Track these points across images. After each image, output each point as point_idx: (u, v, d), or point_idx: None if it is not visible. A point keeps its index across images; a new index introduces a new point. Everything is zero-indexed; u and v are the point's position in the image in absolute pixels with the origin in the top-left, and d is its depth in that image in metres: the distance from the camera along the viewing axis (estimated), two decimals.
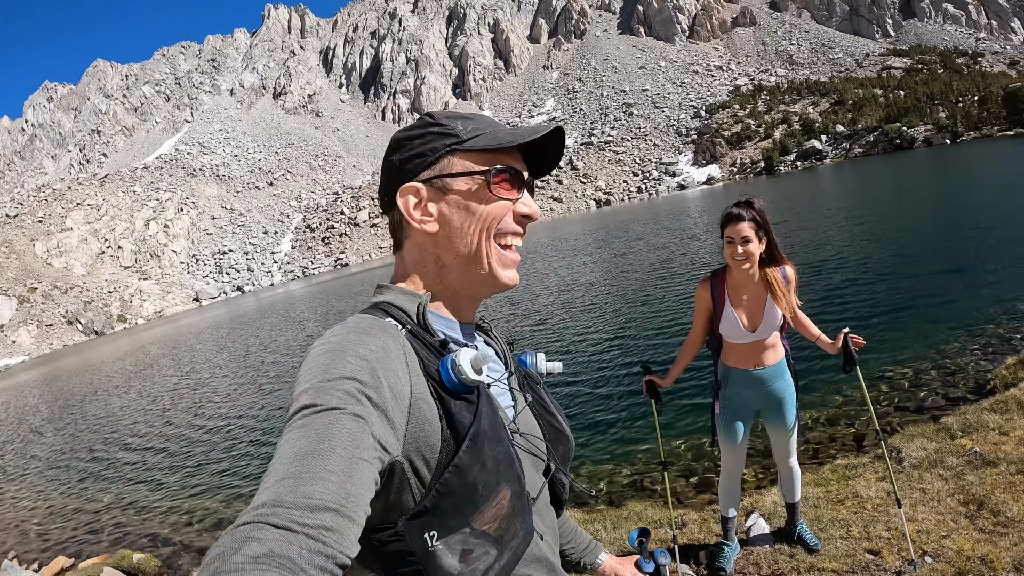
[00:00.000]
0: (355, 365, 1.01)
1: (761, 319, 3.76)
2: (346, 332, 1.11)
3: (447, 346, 1.19)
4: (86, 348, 79.40)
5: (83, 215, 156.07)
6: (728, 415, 4.07)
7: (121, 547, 8.94)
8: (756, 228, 3.57)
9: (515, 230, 1.32)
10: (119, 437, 17.19)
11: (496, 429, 1.18)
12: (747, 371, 3.92)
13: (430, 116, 1.31)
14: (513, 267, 1.33)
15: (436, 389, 1.12)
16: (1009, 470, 4.68)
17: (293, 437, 0.90)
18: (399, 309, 1.22)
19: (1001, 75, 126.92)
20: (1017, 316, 9.71)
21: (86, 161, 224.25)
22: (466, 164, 1.26)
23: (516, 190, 1.30)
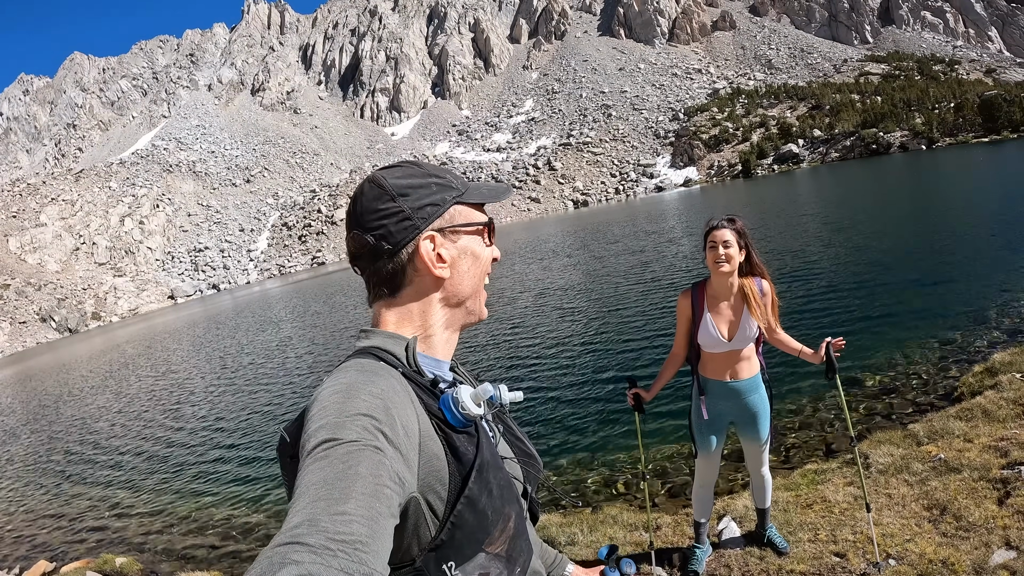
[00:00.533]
0: (369, 403, 1.04)
1: (737, 329, 3.92)
2: (353, 373, 1.14)
3: (437, 385, 1.23)
4: (60, 346, 78.51)
5: (58, 210, 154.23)
6: (704, 425, 4.21)
7: (103, 551, 8.92)
8: (737, 236, 3.78)
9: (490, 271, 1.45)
10: (97, 439, 17.07)
11: (495, 457, 1.25)
12: (723, 383, 4.08)
13: (417, 164, 1.39)
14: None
15: (439, 426, 1.16)
16: (972, 476, 4.85)
17: (316, 468, 0.92)
18: (388, 352, 1.24)
19: (977, 83, 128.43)
20: (985, 324, 9.94)
21: (61, 155, 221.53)
22: (468, 215, 1.38)
23: (493, 237, 1.46)
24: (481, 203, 1.43)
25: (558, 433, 9.43)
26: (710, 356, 4.08)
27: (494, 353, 15.74)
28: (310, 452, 0.96)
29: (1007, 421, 5.71)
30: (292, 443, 1.18)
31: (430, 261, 1.30)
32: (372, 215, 1.30)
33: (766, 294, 3.94)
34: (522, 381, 12.67)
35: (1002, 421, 5.74)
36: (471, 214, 1.39)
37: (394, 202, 1.30)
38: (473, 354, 15.92)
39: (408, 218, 1.29)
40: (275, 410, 15.20)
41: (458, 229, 1.36)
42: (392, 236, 1.29)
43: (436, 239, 1.31)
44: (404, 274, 1.32)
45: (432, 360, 1.35)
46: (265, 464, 11.36)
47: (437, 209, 1.32)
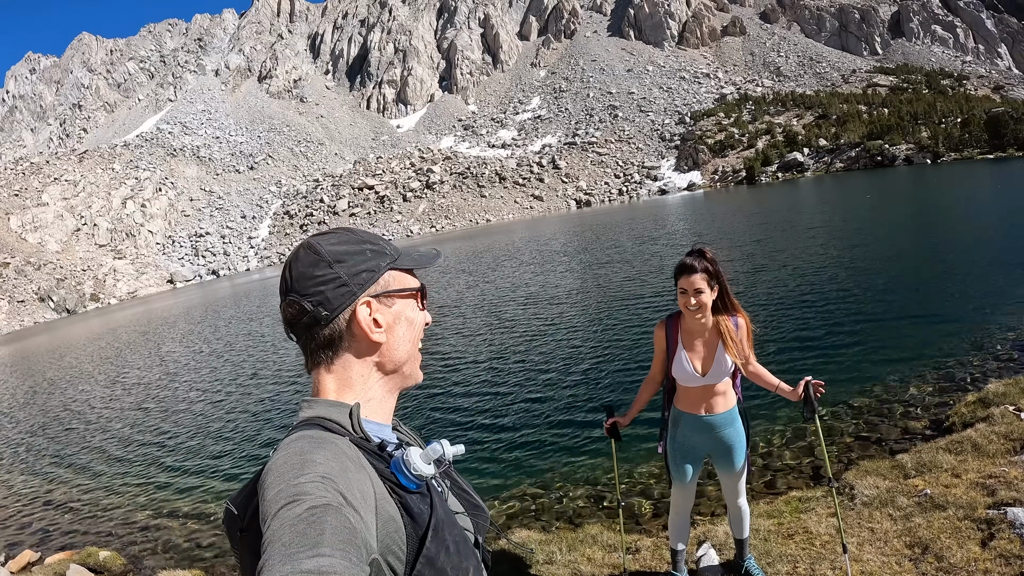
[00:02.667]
0: (325, 467, 1.06)
1: (712, 364, 3.88)
2: (303, 443, 1.14)
3: (385, 448, 1.24)
4: (57, 327, 78.32)
5: (60, 190, 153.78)
6: (678, 457, 4.18)
7: (88, 543, 8.87)
8: (708, 278, 3.72)
9: (422, 336, 1.49)
10: (86, 427, 16.96)
11: (448, 514, 1.26)
12: (697, 416, 4.04)
13: (351, 231, 1.43)
14: None
15: (393, 488, 1.17)
16: (957, 515, 4.76)
17: (281, 527, 0.93)
18: (332, 422, 1.24)
19: (985, 99, 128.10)
20: (982, 350, 9.80)
21: (66, 136, 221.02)
22: (401, 280, 1.42)
23: (426, 302, 1.51)
24: (412, 268, 1.46)
25: (543, 446, 9.35)
26: (685, 389, 4.04)
27: (478, 359, 15.68)
28: (274, 515, 0.96)
29: (996, 457, 5.61)
30: (240, 515, 1.17)
31: (367, 327, 1.32)
32: (309, 281, 1.31)
33: (740, 328, 3.90)
34: (507, 396, 12.60)
35: (992, 457, 5.64)
36: (404, 279, 1.43)
37: (331, 268, 1.31)
38: (462, 357, 15.85)
39: (345, 284, 1.31)
40: (267, 406, 15.14)
41: (393, 294, 1.38)
42: (329, 302, 1.30)
43: (372, 304, 1.34)
44: (341, 340, 1.33)
45: (375, 424, 1.35)
46: (253, 461, 11.28)
47: (372, 275, 1.35)
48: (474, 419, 11.18)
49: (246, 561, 1.14)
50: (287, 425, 13.19)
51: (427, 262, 1.48)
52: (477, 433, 10.33)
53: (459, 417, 11.33)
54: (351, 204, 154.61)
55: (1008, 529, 4.38)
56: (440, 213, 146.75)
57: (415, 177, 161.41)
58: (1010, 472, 5.19)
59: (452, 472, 1.51)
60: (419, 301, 1.46)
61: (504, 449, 9.43)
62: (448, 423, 11.10)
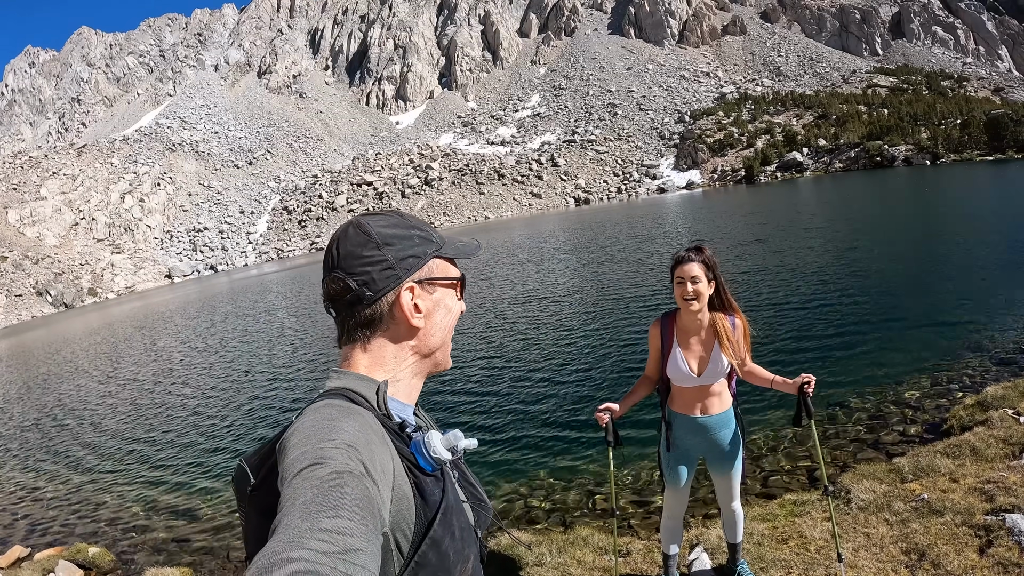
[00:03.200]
0: (351, 435, 1.07)
1: (708, 364, 3.79)
2: (331, 410, 1.16)
3: (405, 428, 1.25)
4: (54, 321, 78.22)
5: (58, 184, 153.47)
6: (672, 459, 4.08)
7: (78, 539, 8.84)
8: (705, 269, 3.63)
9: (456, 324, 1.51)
10: (81, 424, 16.86)
11: (458, 501, 1.28)
12: (692, 418, 3.94)
13: (401, 215, 1.45)
14: None
15: (409, 468, 1.18)
16: (954, 520, 4.66)
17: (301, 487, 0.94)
18: (358, 395, 1.25)
19: (985, 100, 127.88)
20: (981, 352, 9.71)
21: (64, 130, 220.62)
22: (444, 268, 1.44)
23: (463, 291, 1.53)
24: (454, 258, 1.49)
25: (536, 446, 9.26)
26: (679, 390, 3.94)
27: (475, 354, 15.60)
28: (296, 474, 0.96)
29: (995, 461, 5.52)
30: (254, 473, 1.19)
31: (409, 311, 1.34)
32: (356, 260, 1.33)
33: (737, 328, 3.80)
34: (500, 393, 12.52)
35: (990, 461, 5.55)
36: (447, 268, 1.45)
37: (379, 250, 1.33)
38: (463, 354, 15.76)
39: (391, 267, 1.33)
40: (260, 404, 15.02)
41: (435, 282, 1.41)
42: (374, 283, 1.32)
43: (415, 290, 1.36)
44: (381, 321, 1.35)
45: (399, 404, 1.37)
46: None
47: (418, 261, 1.37)
48: (466, 416, 11.10)
49: (252, 520, 1.16)
50: (279, 423, 13.12)
51: (470, 252, 1.52)
52: (469, 431, 10.24)
53: (450, 416, 11.25)
54: (349, 200, 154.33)
55: (1007, 536, 4.29)
56: (439, 210, 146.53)
57: (414, 174, 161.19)
58: (1009, 477, 5.10)
59: (462, 464, 1.52)
60: (458, 291, 1.49)
61: (496, 447, 9.34)
62: (439, 421, 11.00)
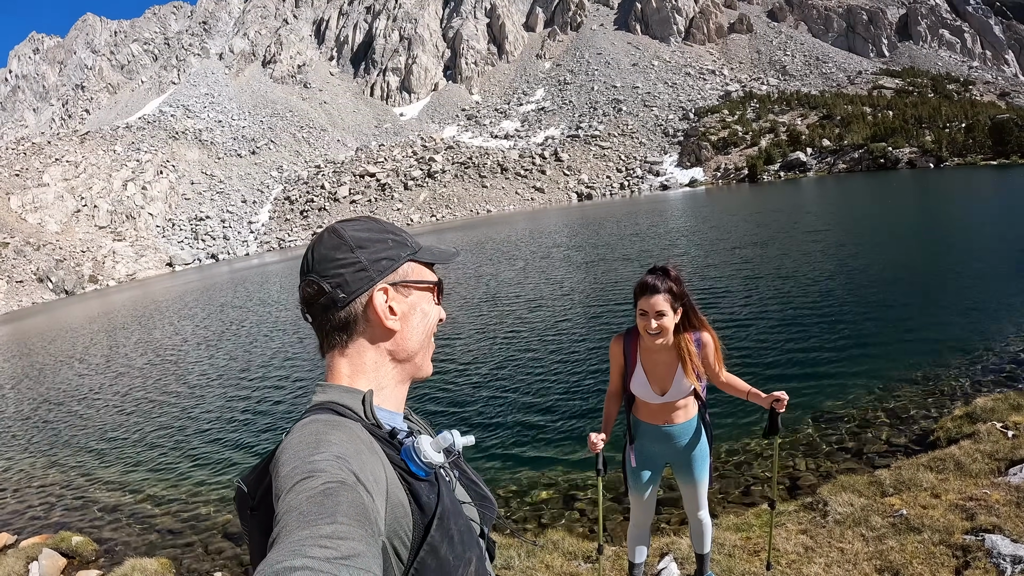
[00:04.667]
0: (340, 448, 1.08)
1: (671, 384, 3.67)
2: (318, 425, 1.16)
3: (396, 436, 1.25)
4: (55, 307, 78.11)
5: (61, 171, 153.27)
6: (637, 466, 3.98)
7: (62, 527, 8.87)
8: (672, 300, 3.48)
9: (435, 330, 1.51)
10: (70, 413, 16.84)
11: (455, 504, 1.28)
12: (657, 427, 3.83)
13: (376, 220, 1.46)
14: None
15: (403, 475, 1.18)
16: (932, 539, 4.54)
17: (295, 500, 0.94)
18: (345, 407, 1.26)
19: (990, 105, 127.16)
20: (972, 362, 9.57)
21: (68, 116, 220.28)
22: (420, 272, 1.45)
23: (441, 297, 1.54)
24: (431, 263, 1.49)
25: (514, 444, 9.19)
26: (644, 403, 3.83)
27: (429, 426, 15.53)
28: (289, 489, 0.97)
29: (979, 478, 5.39)
30: (251, 494, 1.19)
31: (383, 313, 1.34)
32: (330, 263, 1.34)
33: (705, 345, 3.65)
34: (482, 392, 12.46)
35: (975, 477, 5.42)
36: (423, 272, 1.45)
37: (352, 253, 1.34)
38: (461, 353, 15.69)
39: (364, 269, 1.34)
40: (253, 399, 14.94)
41: (410, 284, 1.41)
42: (348, 285, 1.32)
43: (389, 292, 1.36)
44: (356, 324, 1.35)
45: (387, 412, 1.37)
46: (233, 452, 11.16)
47: (392, 263, 1.38)
48: (446, 415, 11.05)
49: (255, 539, 1.16)
50: (272, 415, 13.12)
51: (447, 258, 1.52)
52: (451, 422, 10.14)
53: (438, 416, 11.17)
54: (352, 191, 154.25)
55: (984, 557, 4.17)
56: (441, 202, 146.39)
57: (417, 165, 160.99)
58: (992, 495, 4.97)
59: (461, 463, 1.52)
60: (435, 295, 1.49)
61: (477, 442, 9.22)
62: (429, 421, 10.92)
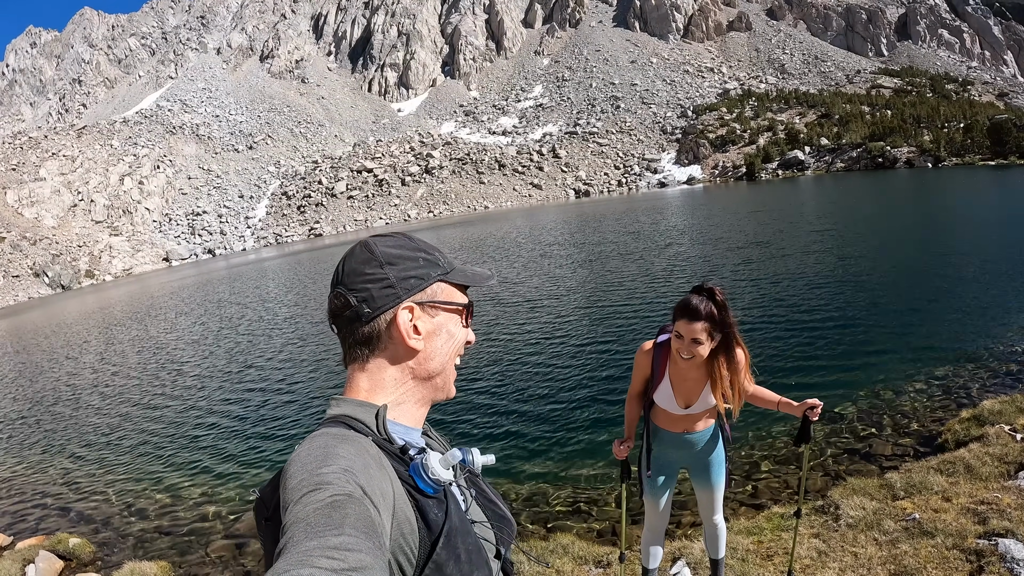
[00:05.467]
0: (347, 461, 1.08)
1: (696, 399, 3.65)
2: (327, 438, 1.17)
3: (407, 452, 1.25)
4: (51, 302, 77.91)
5: (58, 166, 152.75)
6: (654, 471, 3.96)
7: (60, 529, 8.81)
8: (711, 328, 3.33)
9: (463, 352, 1.50)
10: (67, 413, 16.77)
11: (464, 523, 1.26)
12: (677, 434, 3.82)
13: (410, 238, 1.45)
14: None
15: (411, 492, 1.18)
16: (945, 543, 4.53)
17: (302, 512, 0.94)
18: (358, 421, 1.26)
19: (989, 105, 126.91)
20: (978, 364, 9.54)
21: (65, 111, 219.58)
22: (450, 293, 1.44)
23: (471, 320, 1.52)
24: (464, 285, 1.48)
25: (526, 447, 9.15)
26: (664, 411, 3.79)
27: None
28: (296, 501, 0.97)
29: (990, 481, 5.39)
30: (266, 504, 1.20)
31: (406, 332, 1.34)
32: (358, 277, 1.35)
33: (736, 362, 3.51)
34: (496, 393, 12.43)
35: (984, 480, 5.41)
36: (453, 293, 1.44)
37: (381, 269, 1.35)
38: None
39: (391, 286, 1.34)
40: (253, 401, 14.85)
41: (437, 305, 1.40)
42: (373, 300, 1.33)
43: (415, 311, 1.36)
44: (379, 340, 1.35)
45: (403, 427, 1.37)
46: (235, 456, 11.12)
47: (420, 283, 1.37)
48: (459, 416, 11.00)
49: (268, 548, 1.16)
50: (272, 416, 13.08)
51: (480, 281, 1.50)
52: (462, 435, 10.13)
53: (438, 423, 11.13)
54: (349, 187, 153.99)
55: (999, 562, 4.16)
56: (438, 198, 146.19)
57: (414, 161, 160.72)
58: (1003, 499, 4.96)
59: (480, 482, 1.52)
60: (463, 318, 1.48)
61: (484, 446, 9.18)
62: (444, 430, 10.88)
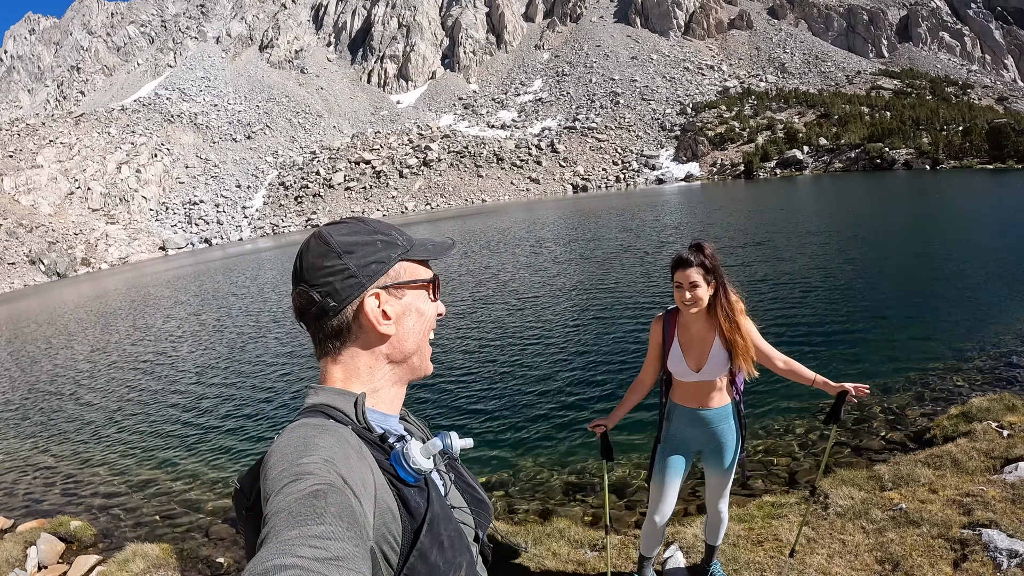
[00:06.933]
0: (327, 451, 1.07)
1: (706, 361, 3.78)
2: (306, 429, 1.15)
3: (387, 440, 1.24)
4: (47, 290, 77.83)
5: (55, 153, 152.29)
6: (667, 450, 4.06)
7: (60, 512, 8.84)
8: (704, 273, 3.60)
9: (435, 327, 1.49)
10: (67, 396, 16.81)
11: (445, 509, 1.26)
12: (692, 410, 3.94)
13: (363, 221, 1.41)
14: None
15: (392, 480, 1.17)
16: (931, 532, 4.65)
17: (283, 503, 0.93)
18: (336, 409, 1.25)
19: (988, 109, 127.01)
20: (968, 361, 9.68)
21: (63, 98, 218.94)
22: (413, 271, 1.41)
23: (438, 293, 1.49)
24: (424, 259, 1.45)
25: (521, 432, 9.25)
26: (679, 383, 3.95)
27: (465, 339, 15.58)
28: (277, 492, 0.96)
29: (976, 475, 5.52)
30: (246, 495, 1.18)
31: (375, 319, 1.33)
32: (318, 272, 1.32)
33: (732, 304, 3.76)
34: (486, 379, 12.51)
35: (971, 474, 5.55)
36: (416, 270, 1.42)
37: (340, 259, 1.32)
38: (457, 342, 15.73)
39: (353, 275, 1.31)
40: (249, 387, 14.94)
41: (403, 286, 1.38)
42: (338, 293, 1.30)
43: (381, 296, 1.34)
44: (349, 331, 1.34)
45: (381, 415, 1.36)
46: (234, 442, 11.18)
47: (382, 266, 1.35)
48: (450, 401, 11.11)
49: (250, 539, 1.15)
50: (269, 401, 13.16)
51: (440, 253, 1.47)
52: (452, 421, 10.23)
53: (426, 407, 11.23)
54: (347, 178, 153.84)
55: (982, 552, 4.28)
56: (436, 191, 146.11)
57: (412, 154, 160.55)
58: (988, 491, 5.09)
59: (458, 466, 1.51)
60: (430, 292, 1.45)
61: (478, 437, 9.30)
62: (424, 416, 10.99)
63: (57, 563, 7.30)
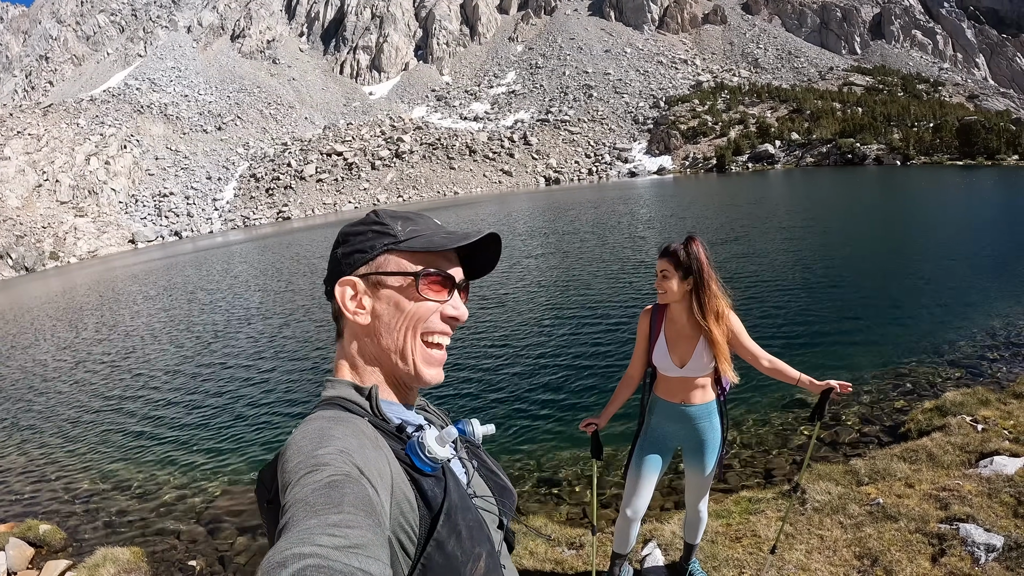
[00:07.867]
0: (343, 442, 1.07)
1: (690, 358, 3.75)
2: (323, 421, 1.16)
3: (404, 430, 1.24)
4: (14, 285, 76.64)
5: (23, 144, 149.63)
6: (647, 444, 4.02)
7: (29, 516, 8.63)
8: (675, 265, 3.64)
9: (442, 329, 1.39)
10: (34, 396, 16.47)
11: (464, 499, 1.24)
12: (674, 405, 3.90)
13: (375, 213, 1.40)
14: (437, 365, 1.40)
15: (409, 470, 1.17)
16: (908, 527, 4.66)
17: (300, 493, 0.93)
18: (351, 402, 1.25)
19: (959, 106, 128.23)
20: (941, 356, 9.75)
21: (31, 88, 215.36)
22: (401, 263, 1.35)
23: (446, 292, 1.39)
24: (422, 250, 1.37)
25: (499, 426, 9.20)
26: (664, 378, 3.92)
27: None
28: (295, 482, 0.97)
29: (951, 469, 5.54)
30: (267, 488, 1.18)
31: (343, 306, 1.33)
32: (329, 262, 1.39)
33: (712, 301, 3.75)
34: (472, 371, 12.46)
35: (946, 468, 5.57)
36: (401, 263, 1.36)
37: (335, 249, 1.37)
38: None
39: (338, 263, 1.35)
40: (222, 386, 14.76)
41: (382, 277, 1.35)
42: (330, 280, 1.36)
43: (357, 285, 1.34)
44: (340, 319, 1.37)
45: (396, 406, 1.36)
46: (204, 442, 10.99)
47: (364, 256, 1.34)
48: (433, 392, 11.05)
49: (271, 530, 1.14)
50: (243, 399, 13.02)
51: (443, 244, 1.36)
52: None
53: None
54: (319, 170, 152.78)
55: (960, 546, 4.29)
56: (408, 183, 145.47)
57: (385, 145, 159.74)
58: (964, 486, 5.11)
59: (481, 453, 1.51)
60: (419, 287, 1.35)
61: None
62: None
63: (27, 568, 7.20)
